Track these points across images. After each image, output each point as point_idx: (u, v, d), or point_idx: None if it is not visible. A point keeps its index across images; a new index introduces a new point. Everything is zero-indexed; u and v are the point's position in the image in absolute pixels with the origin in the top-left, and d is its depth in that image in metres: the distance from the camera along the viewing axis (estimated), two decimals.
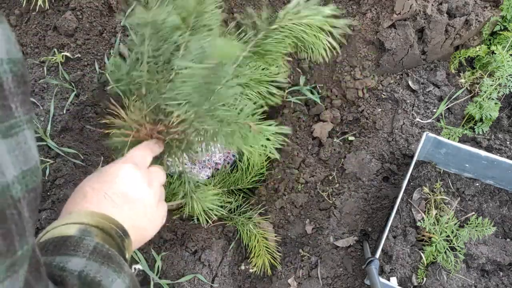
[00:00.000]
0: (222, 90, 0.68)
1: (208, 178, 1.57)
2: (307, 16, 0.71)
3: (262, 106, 0.80)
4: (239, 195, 1.54)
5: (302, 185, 1.45)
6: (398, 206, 1.22)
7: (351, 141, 1.47)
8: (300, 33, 0.71)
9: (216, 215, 1.09)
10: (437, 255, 1.20)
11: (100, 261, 0.46)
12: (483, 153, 1.21)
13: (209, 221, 1.11)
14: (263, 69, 0.86)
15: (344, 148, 1.47)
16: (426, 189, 1.29)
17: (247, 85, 0.83)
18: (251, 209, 1.47)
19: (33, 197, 0.32)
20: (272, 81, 0.87)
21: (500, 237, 1.27)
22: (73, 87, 1.49)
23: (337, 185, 1.41)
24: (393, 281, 1.18)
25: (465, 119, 1.41)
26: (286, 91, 1.53)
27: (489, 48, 1.44)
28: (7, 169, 0.29)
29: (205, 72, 0.63)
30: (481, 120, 1.38)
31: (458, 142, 1.32)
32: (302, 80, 1.51)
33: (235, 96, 0.72)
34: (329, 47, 0.74)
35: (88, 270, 0.44)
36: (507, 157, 1.32)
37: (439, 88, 1.46)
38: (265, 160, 1.53)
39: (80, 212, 0.53)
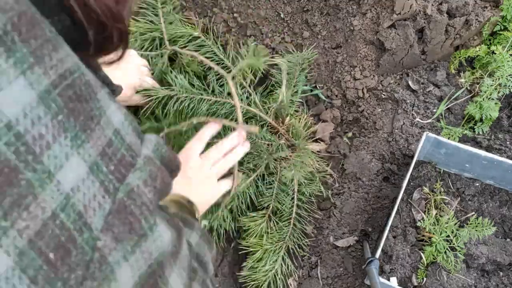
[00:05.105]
0: None
1: None
2: None
3: None
4: None
5: None
6: (398, 206, 1.22)
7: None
8: None
9: None
10: (437, 255, 1.20)
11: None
12: (483, 153, 1.21)
13: None
14: None
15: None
16: (426, 189, 1.29)
17: None
18: None
19: None
20: None
21: (500, 237, 1.27)
22: None
23: (337, 185, 1.41)
24: (393, 281, 1.18)
25: (465, 119, 1.41)
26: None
27: (489, 48, 1.44)
28: None
29: None
30: (481, 120, 1.38)
31: (458, 142, 1.32)
32: (301, 79, 1.51)
33: None
34: None
35: None
36: (507, 157, 1.32)
37: (439, 88, 1.46)
38: None
39: None
